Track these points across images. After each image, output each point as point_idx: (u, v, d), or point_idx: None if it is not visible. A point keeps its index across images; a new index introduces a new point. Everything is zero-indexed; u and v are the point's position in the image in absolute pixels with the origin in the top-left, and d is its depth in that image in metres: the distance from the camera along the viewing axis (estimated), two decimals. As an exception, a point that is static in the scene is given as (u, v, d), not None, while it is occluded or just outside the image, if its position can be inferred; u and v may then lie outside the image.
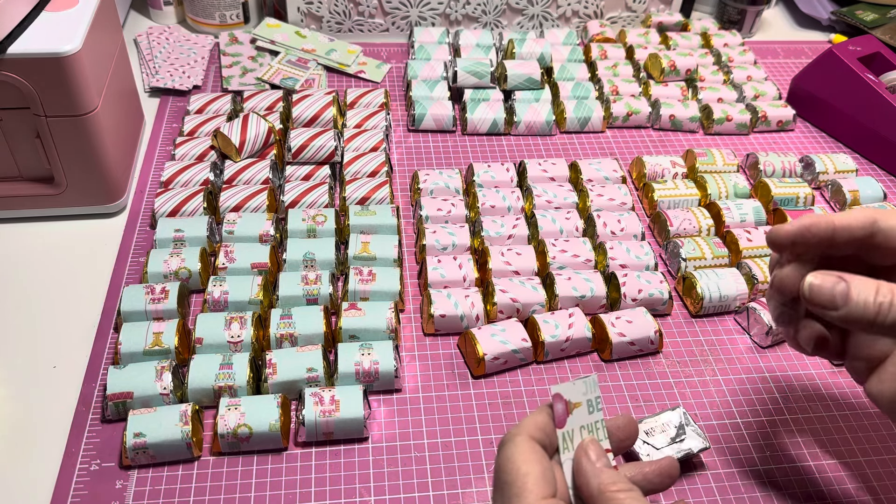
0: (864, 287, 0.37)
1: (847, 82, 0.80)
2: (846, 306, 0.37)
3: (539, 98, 0.81)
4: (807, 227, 0.39)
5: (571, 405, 0.36)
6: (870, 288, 0.37)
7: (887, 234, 0.39)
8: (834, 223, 0.39)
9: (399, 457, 0.50)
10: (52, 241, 0.64)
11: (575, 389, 0.36)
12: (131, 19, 0.95)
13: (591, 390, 0.37)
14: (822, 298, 0.37)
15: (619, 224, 0.66)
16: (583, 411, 0.37)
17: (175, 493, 0.47)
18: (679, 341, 0.60)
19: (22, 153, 0.62)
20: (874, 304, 0.36)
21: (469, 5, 0.92)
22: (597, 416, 0.37)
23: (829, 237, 0.39)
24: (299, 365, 0.52)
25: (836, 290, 0.37)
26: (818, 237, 0.39)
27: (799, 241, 0.39)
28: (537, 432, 0.36)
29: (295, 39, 0.88)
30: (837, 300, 0.37)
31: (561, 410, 0.36)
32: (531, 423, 0.37)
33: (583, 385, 0.37)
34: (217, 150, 0.70)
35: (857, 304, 0.36)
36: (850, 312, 0.37)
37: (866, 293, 0.36)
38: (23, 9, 0.57)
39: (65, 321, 0.58)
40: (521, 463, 0.35)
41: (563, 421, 0.36)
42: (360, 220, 0.63)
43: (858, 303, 0.36)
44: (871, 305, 0.36)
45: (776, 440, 0.53)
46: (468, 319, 0.57)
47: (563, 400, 0.36)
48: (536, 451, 0.35)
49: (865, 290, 0.37)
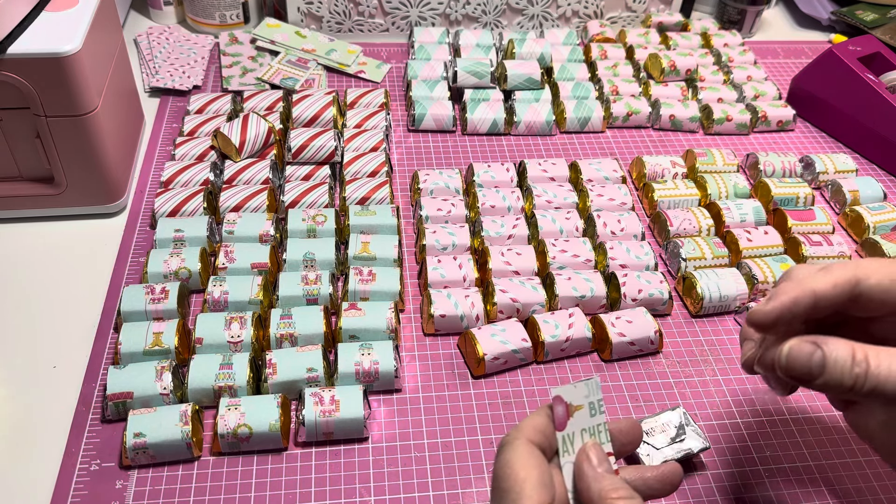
0: (840, 355, 0.36)
1: (847, 82, 0.80)
2: (823, 376, 0.36)
3: (539, 98, 0.81)
4: (788, 308, 0.38)
5: (572, 408, 0.36)
6: (846, 354, 0.36)
7: (869, 295, 0.38)
8: (815, 292, 0.38)
9: (399, 457, 0.50)
10: (52, 241, 0.64)
11: (576, 392, 0.36)
12: (131, 19, 0.95)
13: (594, 393, 0.36)
14: (799, 370, 0.37)
15: (619, 224, 0.66)
16: (584, 414, 0.36)
17: (175, 493, 0.47)
18: (679, 341, 0.60)
19: (22, 153, 0.62)
20: (851, 375, 0.35)
21: (469, 5, 0.92)
22: (599, 420, 0.37)
23: (811, 308, 0.38)
24: (299, 365, 0.52)
25: (812, 360, 0.36)
26: (799, 314, 0.38)
27: (782, 320, 0.38)
28: (536, 435, 0.36)
29: (295, 39, 0.88)
30: (814, 371, 0.36)
31: (561, 413, 0.36)
32: (529, 425, 0.36)
33: (584, 388, 0.36)
34: (217, 150, 0.70)
35: (832, 375, 0.36)
36: (828, 382, 0.36)
37: (843, 362, 0.35)
38: (23, 9, 0.57)
39: (65, 321, 0.58)
40: (519, 468, 0.34)
41: (564, 424, 0.36)
42: (360, 220, 0.63)
43: (834, 372, 0.36)
44: (848, 376, 0.35)
45: (776, 440, 0.53)
46: (468, 319, 0.57)
47: (563, 402, 0.36)
48: (535, 455, 0.35)
49: (842, 359, 0.36)
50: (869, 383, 0.35)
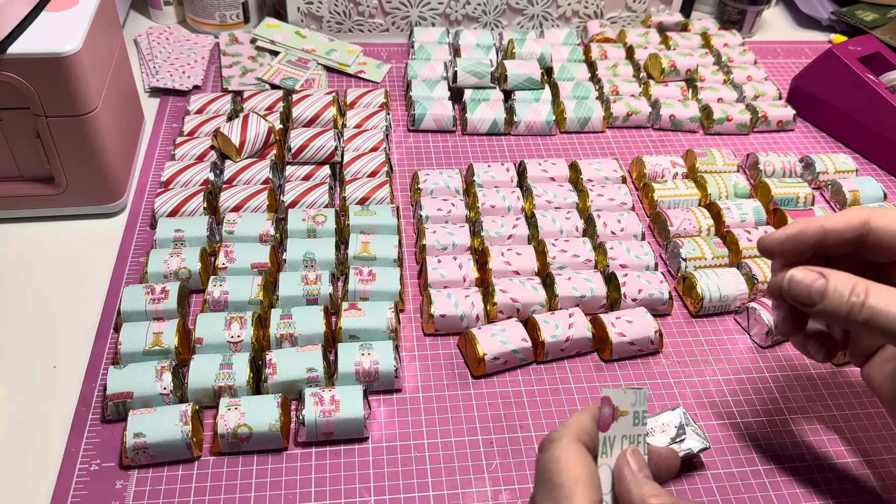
0: (840, 284, 0.38)
1: (847, 82, 0.80)
2: (822, 302, 0.38)
3: (539, 98, 0.81)
4: (795, 234, 0.40)
5: (618, 412, 0.36)
6: (846, 285, 0.38)
7: (879, 235, 0.40)
8: (824, 227, 0.40)
9: (399, 457, 0.50)
10: (52, 241, 0.64)
11: (625, 398, 0.36)
12: (131, 19, 0.95)
13: (640, 403, 0.37)
14: (800, 293, 0.39)
15: (619, 224, 0.66)
16: (628, 421, 0.36)
17: (175, 493, 0.47)
18: (679, 341, 0.60)
19: (22, 153, 0.62)
20: (846, 303, 0.37)
21: (469, 5, 0.92)
22: (641, 430, 0.37)
23: (818, 241, 0.40)
24: (299, 365, 0.52)
25: (813, 286, 0.38)
26: (807, 242, 0.40)
27: (788, 246, 0.41)
28: (583, 435, 0.36)
29: (295, 39, 0.88)
30: (814, 296, 0.38)
31: (607, 415, 0.36)
32: (577, 424, 0.37)
33: (633, 395, 0.36)
34: (217, 150, 0.70)
35: (831, 301, 0.38)
36: (826, 308, 0.38)
37: (842, 290, 0.38)
38: (23, 9, 0.57)
39: (65, 321, 0.58)
40: (571, 465, 0.35)
41: (608, 426, 0.36)
42: (360, 220, 0.63)
43: (833, 300, 0.38)
44: (845, 304, 0.37)
45: (776, 440, 0.53)
46: (468, 319, 0.57)
47: (611, 404, 0.36)
48: (584, 454, 0.35)
49: (841, 287, 0.38)
50: (864, 314, 0.37)
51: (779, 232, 0.41)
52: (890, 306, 0.36)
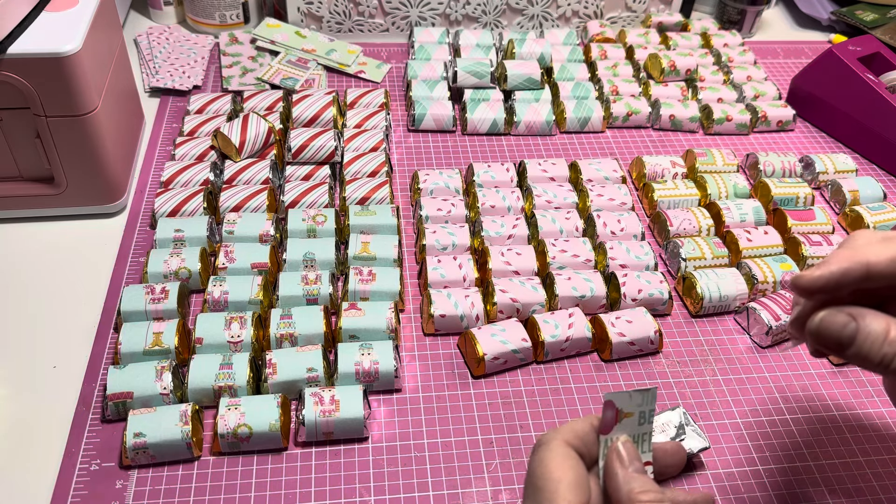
0: (874, 329, 0.34)
1: (847, 82, 0.80)
2: (852, 349, 0.35)
3: (539, 98, 0.81)
4: (837, 277, 0.35)
5: (622, 414, 0.35)
6: (880, 331, 0.34)
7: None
8: (869, 265, 0.35)
9: (399, 457, 0.50)
10: (52, 241, 0.64)
11: (630, 401, 0.35)
12: (131, 19, 0.95)
13: (647, 403, 0.35)
14: (829, 339, 0.35)
15: (619, 224, 0.66)
16: (633, 421, 0.35)
17: (175, 493, 0.47)
18: (679, 341, 0.60)
19: (22, 153, 0.62)
20: (879, 353, 0.34)
21: (469, 5, 0.92)
22: (646, 429, 0.36)
23: (862, 280, 0.35)
24: (299, 365, 0.52)
25: (844, 332, 0.35)
26: (850, 282, 0.35)
27: (829, 288, 0.36)
28: (574, 439, 0.35)
29: (295, 39, 0.88)
30: (843, 342, 0.35)
31: (609, 418, 0.35)
32: (569, 429, 0.35)
33: (640, 397, 0.35)
34: (217, 150, 0.70)
35: (862, 349, 0.34)
36: (857, 355, 0.35)
37: (875, 337, 0.34)
38: (23, 9, 0.57)
39: (65, 321, 0.58)
40: (554, 467, 0.34)
41: (609, 428, 0.35)
42: (360, 220, 0.63)
43: (863, 348, 0.34)
44: (877, 353, 0.34)
45: (776, 440, 0.53)
46: (468, 319, 0.57)
47: (614, 408, 0.35)
48: (571, 457, 0.34)
49: (874, 334, 0.34)
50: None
51: (816, 273, 0.36)
52: None
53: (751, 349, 0.59)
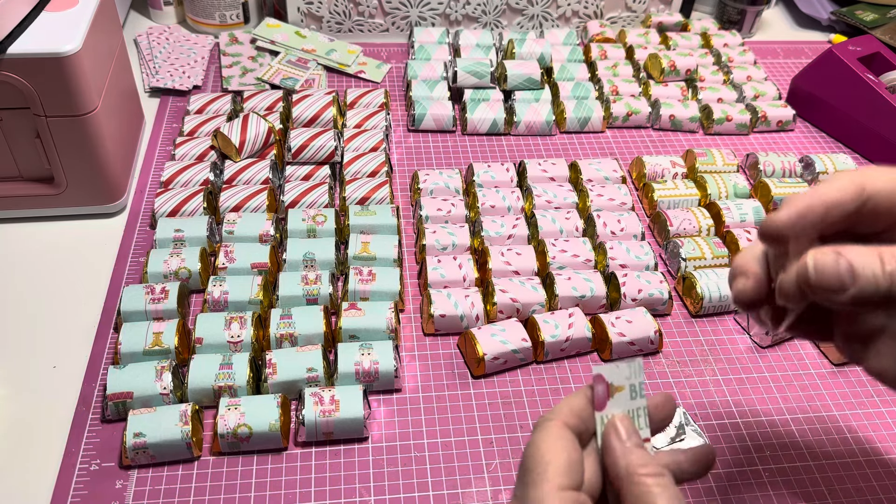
0: (866, 258, 0.31)
1: (847, 82, 0.80)
2: (855, 284, 0.31)
3: (539, 98, 0.81)
4: (803, 213, 0.33)
5: (613, 388, 0.35)
6: (871, 257, 0.31)
7: (877, 200, 0.34)
8: (826, 202, 0.33)
9: (399, 457, 0.50)
10: (52, 241, 0.64)
11: (618, 373, 0.35)
12: (131, 19, 0.95)
13: (636, 375, 0.35)
14: (830, 279, 0.32)
15: (619, 224, 0.66)
16: (625, 396, 0.35)
17: (175, 493, 0.47)
18: (679, 341, 0.60)
19: (22, 153, 0.62)
20: (885, 276, 0.31)
21: (469, 5, 0.92)
22: (639, 403, 0.35)
23: (823, 217, 0.34)
24: (299, 365, 0.52)
25: (840, 268, 0.31)
26: (815, 220, 0.33)
27: (799, 227, 0.34)
28: (572, 418, 0.34)
29: (295, 39, 0.88)
30: (845, 279, 0.31)
31: (601, 392, 0.34)
32: (566, 407, 0.35)
33: (627, 368, 0.35)
34: (217, 150, 0.70)
35: (865, 280, 0.31)
36: (862, 290, 0.31)
37: (872, 264, 0.31)
38: (23, 9, 0.57)
39: (65, 321, 0.58)
40: (545, 450, 0.33)
41: (603, 404, 0.35)
42: (360, 220, 0.63)
43: (866, 277, 0.31)
44: (882, 278, 0.31)
45: (776, 440, 0.53)
46: (468, 319, 0.57)
47: (604, 382, 0.34)
48: (565, 438, 0.33)
49: (870, 262, 0.31)
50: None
51: (782, 214, 0.34)
52: None
53: (751, 349, 0.59)
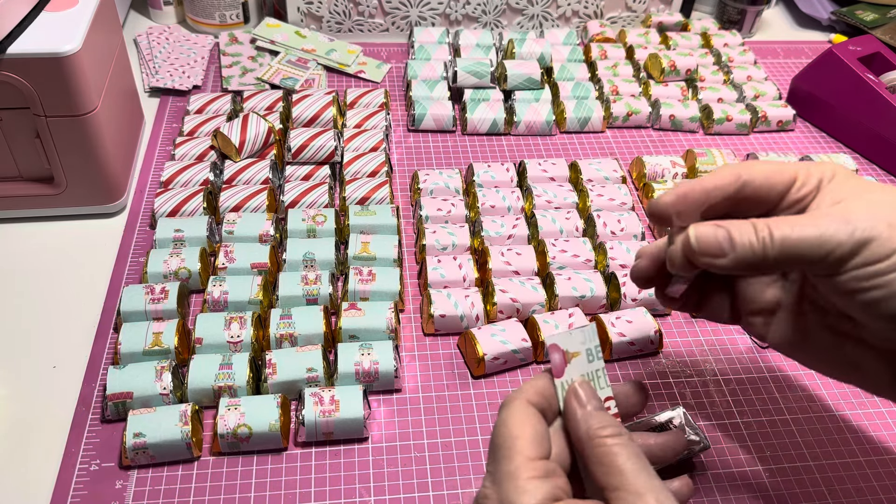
0: (740, 227, 0.36)
1: (847, 82, 0.80)
2: (734, 250, 0.36)
3: (539, 98, 0.81)
4: (684, 194, 0.39)
5: (569, 355, 0.35)
6: (746, 226, 0.36)
7: (754, 186, 0.38)
8: (706, 186, 0.39)
9: (399, 457, 0.50)
10: (52, 241, 0.64)
11: (572, 339, 0.36)
12: (131, 19, 0.95)
13: (590, 339, 0.36)
14: (709, 246, 0.36)
15: (619, 224, 0.66)
16: (582, 360, 0.36)
17: (175, 493, 0.47)
18: (679, 341, 0.60)
19: (22, 153, 0.62)
20: (758, 242, 0.35)
21: (469, 5, 0.92)
22: (597, 365, 0.36)
23: (704, 198, 0.39)
24: (299, 365, 0.52)
25: (718, 235, 0.36)
26: (695, 201, 0.39)
27: (680, 206, 0.39)
28: (535, 396, 0.35)
29: (295, 39, 0.88)
30: (724, 245, 0.36)
31: (558, 360, 0.35)
32: (530, 387, 0.36)
33: (580, 334, 0.36)
34: (217, 150, 0.70)
35: (742, 246, 0.36)
36: (739, 255, 0.36)
37: (747, 233, 0.36)
38: (23, 9, 0.57)
39: (65, 321, 0.58)
40: (512, 425, 0.34)
41: (561, 371, 0.35)
42: (360, 220, 0.63)
43: (742, 243, 0.36)
44: (756, 243, 0.35)
45: (776, 440, 0.53)
46: (468, 319, 0.57)
47: (559, 350, 0.35)
48: (531, 413, 0.35)
49: (745, 231, 0.36)
50: (776, 245, 0.35)
51: (668, 194, 0.39)
52: (796, 229, 0.35)
53: (751, 349, 0.59)
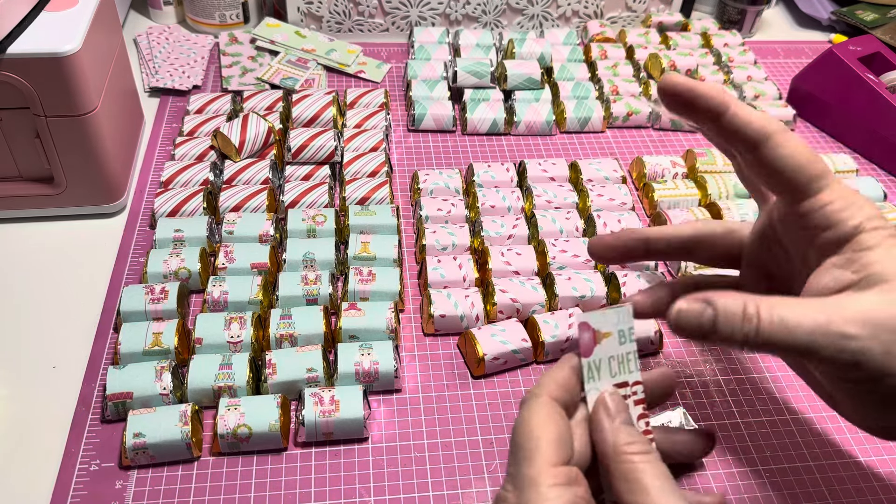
0: (730, 308, 0.34)
1: (847, 82, 0.80)
2: (715, 334, 0.34)
3: (539, 98, 0.81)
4: (617, 238, 0.42)
5: (600, 335, 0.34)
6: (736, 309, 0.34)
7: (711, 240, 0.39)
8: (639, 234, 0.41)
9: (399, 457, 0.50)
10: (52, 241, 0.64)
11: (606, 319, 0.34)
12: (131, 19, 0.95)
13: (624, 321, 0.34)
14: (690, 327, 0.34)
15: (620, 224, 0.66)
16: (613, 342, 0.34)
17: (175, 493, 0.47)
18: (679, 341, 0.60)
19: (22, 153, 0.62)
20: (741, 332, 0.33)
21: (469, 5, 0.92)
22: (629, 348, 0.35)
23: (640, 245, 0.42)
24: (299, 365, 0.52)
25: (703, 318, 0.34)
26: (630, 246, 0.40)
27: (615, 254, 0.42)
28: (558, 391, 0.35)
29: (295, 39, 0.88)
30: (705, 328, 0.34)
31: (587, 339, 0.34)
32: (551, 381, 0.35)
33: (615, 315, 0.34)
34: (217, 150, 0.70)
35: (723, 332, 0.34)
36: (719, 339, 0.34)
37: (733, 317, 0.33)
38: (23, 9, 0.57)
39: (65, 321, 0.58)
40: (535, 425, 0.33)
41: (590, 350, 0.34)
42: (359, 220, 0.63)
43: (725, 330, 0.34)
44: (738, 333, 0.33)
45: (776, 440, 0.53)
46: (468, 319, 0.57)
47: (590, 329, 0.34)
48: (554, 412, 0.34)
49: (731, 312, 0.34)
50: (761, 337, 0.33)
51: (602, 239, 0.42)
52: (785, 326, 0.33)
53: (751, 349, 0.59)
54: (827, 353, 0.32)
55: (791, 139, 0.36)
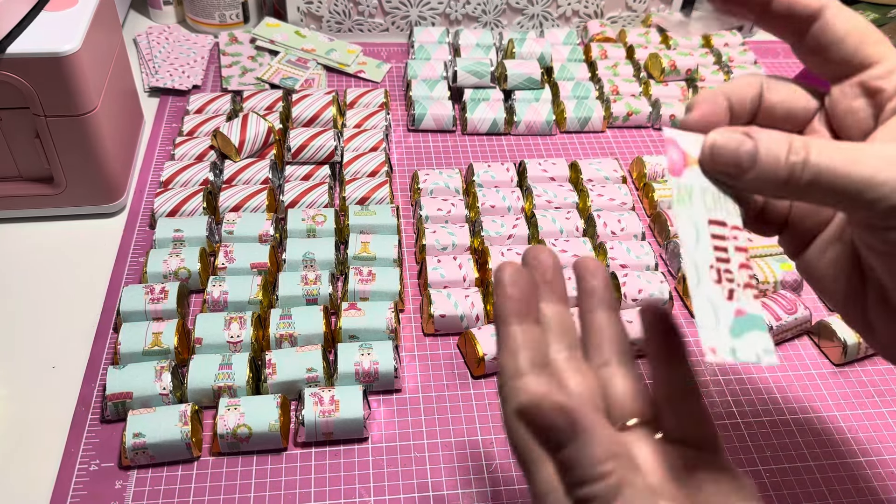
0: (774, 142, 0.29)
1: (847, 82, 0.80)
2: (755, 168, 0.29)
3: (539, 98, 0.81)
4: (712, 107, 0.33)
5: (691, 159, 0.30)
6: (781, 143, 0.29)
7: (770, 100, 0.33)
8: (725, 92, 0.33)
9: (399, 457, 0.50)
10: (52, 241, 0.64)
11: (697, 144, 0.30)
12: (131, 19, 0.95)
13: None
14: (726, 161, 0.30)
15: (620, 224, 0.66)
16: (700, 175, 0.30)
17: (174, 493, 0.47)
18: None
19: (22, 153, 0.62)
20: (786, 165, 0.29)
21: (469, 5, 0.92)
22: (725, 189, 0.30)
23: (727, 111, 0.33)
24: (299, 365, 0.52)
25: (741, 149, 0.30)
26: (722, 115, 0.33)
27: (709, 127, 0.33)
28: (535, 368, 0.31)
29: (295, 39, 0.88)
30: (744, 162, 0.29)
31: (676, 159, 0.30)
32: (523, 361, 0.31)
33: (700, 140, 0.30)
34: (216, 150, 0.70)
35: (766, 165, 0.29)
36: (760, 175, 0.29)
37: (776, 150, 0.29)
38: (23, 8, 0.57)
39: (65, 321, 0.58)
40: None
41: (680, 171, 0.30)
42: (359, 220, 0.63)
43: (768, 163, 0.29)
44: (783, 166, 0.29)
45: (776, 440, 0.53)
46: (468, 319, 0.57)
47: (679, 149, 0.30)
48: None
49: (775, 146, 0.29)
50: (808, 172, 0.29)
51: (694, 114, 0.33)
52: (836, 161, 0.28)
53: (751, 349, 0.59)
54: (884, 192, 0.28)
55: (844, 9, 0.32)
